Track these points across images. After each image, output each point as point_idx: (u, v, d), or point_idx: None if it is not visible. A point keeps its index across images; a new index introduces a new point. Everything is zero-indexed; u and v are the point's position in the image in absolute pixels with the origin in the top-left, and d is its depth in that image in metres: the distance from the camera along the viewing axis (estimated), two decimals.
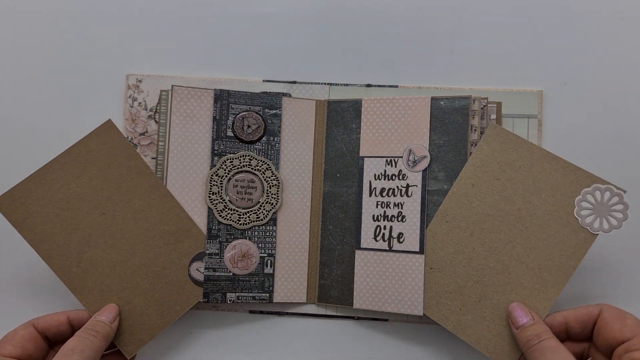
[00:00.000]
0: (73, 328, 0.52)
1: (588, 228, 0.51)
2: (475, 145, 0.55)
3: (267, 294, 0.58)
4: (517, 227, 0.52)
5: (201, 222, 0.57)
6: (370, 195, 0.57)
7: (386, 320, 0.59)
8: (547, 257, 0.52)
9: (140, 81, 0.61)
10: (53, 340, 0.52)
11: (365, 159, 0.58)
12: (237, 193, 0.57)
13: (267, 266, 0.58)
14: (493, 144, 0.54)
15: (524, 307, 0.51)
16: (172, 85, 0.57)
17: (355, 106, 0.59)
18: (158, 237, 0.55)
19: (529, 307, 0.51)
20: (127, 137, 0.60)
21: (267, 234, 0.58)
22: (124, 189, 0.55)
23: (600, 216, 0.50)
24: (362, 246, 0.57)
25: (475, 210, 0.54)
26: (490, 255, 0.53)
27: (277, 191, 0.58)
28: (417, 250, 0.55)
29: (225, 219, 0.57)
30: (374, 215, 0.57)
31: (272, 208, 0.58)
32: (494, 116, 0.58)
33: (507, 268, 0.52)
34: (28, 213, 0.53)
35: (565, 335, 0.51)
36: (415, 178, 0.56)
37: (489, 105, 0.57)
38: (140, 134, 0.60)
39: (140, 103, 0.60)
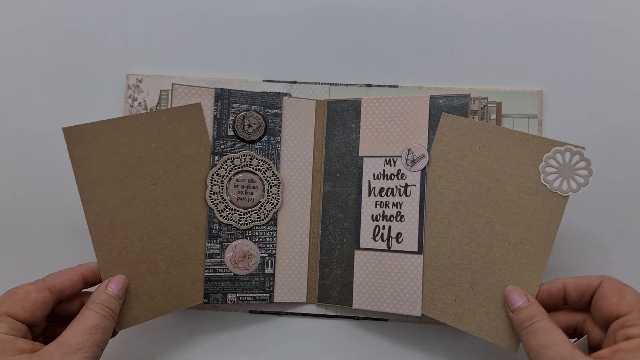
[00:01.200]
0: (85, 286, 0.51)
1: (558, 192, 0.51)
2: None
3: (268, 294, 0.58)
4: (491, 206, 0.53)
5: (202, 222, 0.57)
6: (369, 195, 0.57)
7: (386, 320, 0.59)
8: (526, 230, 0.52)
9: (140, 81, 0.61)
10: (61, 300, 0.50)
11: (364, 158, 0.58)
12: (238, 193, 0.57)
13: (267, 266, 0.58)
14: (449, 133, 0.54)
15: (519, 290, 0.50)
16: (173, 84, 0.57)
17: (354, 106, 0.59)
18: (193, 228, 0.56)
19: (520, 282, 0.51)
20: None
21: (268, 234, 0.58)
22: (184, 170, 0.55)
23: (566, 177, 0.51)
24: (361, 246, 0.57)
25: (447, 200, 0.54)
26: (472, 241, 0.53)
27: (278, 191, 0.58)
28: (416, 250, 0.55)
29: (225, 218, 0.57)
30: (372, 215, 0.57)
31: (273, 208, 0.58)
32: (494, 116, 0.58)
33: (490, 249, 0.52)
34: (89, 152, 0.52)
35: (562, 303, 0.50)
36: (414, 177, 0.56)
37: (489, 105, 0.57)
38: None
39: (140, 103, 0.60)
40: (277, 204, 0.58)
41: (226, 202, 0.57)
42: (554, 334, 0.45)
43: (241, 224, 0.57)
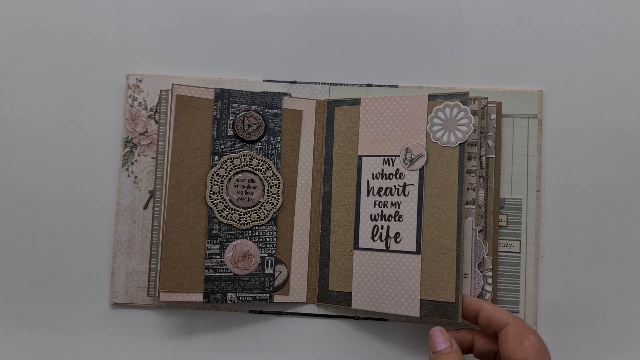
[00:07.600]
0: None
1: (448, 145, 0.54)
2: (474, 144, 0.55)
3: (268, 294, 0.58)
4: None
5: (201, 222, 0.57)
6: (368, 194, 0.57)
7: (386, 320, 0.59)
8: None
9: (140, 81, 0.61)
10: None
11: (363, 158, 0.58)
12: (238, 193, 0.57)
13: (267, 266, 0.58)
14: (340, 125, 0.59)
15: (445, 334, 0.49)
16: (173, 84, 0.57)
17: (354, 105, 0.59)
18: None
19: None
20: (127, 137, 0.60)
21: (268, 233, 0.58)
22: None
23: (452, 130, 0.54)
24: (360, 246, 0.57)
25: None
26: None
27: (278, 191, 0.58)
28: (414, 250, 0.55)
29: (225, 218, 0.57)
30: (371, 215, 0.57)
31: (273, 208, 0.58)
32: (493, 116, 0.57)
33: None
34: (191, 122, 0.57)
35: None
36: (412, 177, 0.56)
37: (489, 105, 0.57)
38: (140, 134, 0.60)
39: (140, 103, 0.60)
40: (277, 203, 0.58)
41: (226, 202, 0.57)
42: None
43: (241, 224, 0.57)
